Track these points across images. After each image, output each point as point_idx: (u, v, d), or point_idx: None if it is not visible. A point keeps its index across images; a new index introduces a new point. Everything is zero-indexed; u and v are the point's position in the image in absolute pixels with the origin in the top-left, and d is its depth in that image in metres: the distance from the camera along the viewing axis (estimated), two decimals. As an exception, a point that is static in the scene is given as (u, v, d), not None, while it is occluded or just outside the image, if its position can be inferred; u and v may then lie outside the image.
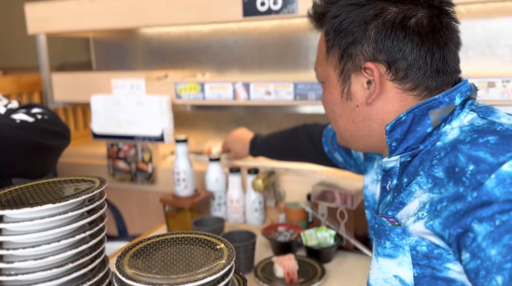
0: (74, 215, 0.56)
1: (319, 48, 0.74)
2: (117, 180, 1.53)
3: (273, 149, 1.26)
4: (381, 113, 0.67)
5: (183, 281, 0.52)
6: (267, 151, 1.27)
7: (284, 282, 0.95)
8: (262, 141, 1.29)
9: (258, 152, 1.28)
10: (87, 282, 0.57)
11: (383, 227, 0.65)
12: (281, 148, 1.23)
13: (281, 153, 1.24)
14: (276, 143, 1.25)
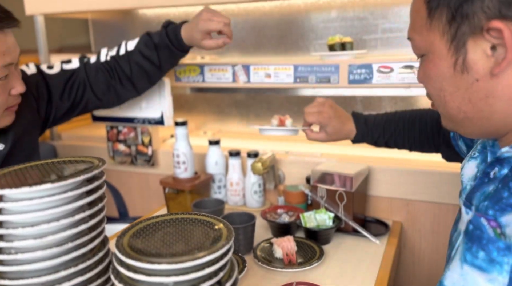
0: (73, 195, 0.56)
1: (415, 11, 0.60)
2: (118, 163, 1.53)
3: (387, 131, 1.04)
4: (509, 88, 0.53)
5: (182, 260, 0.53)
6: (378, 133, 1.05)
7: (283, 263, 0.96)
8: (373, 120, 1.06)
9: (366, 133, 1.06)
10: (86, 262, 0.58)
11: (480, 233, 0.55)
12: (399, 131, 1.04)
13: (398, 137, 1.04)
14: (393, 124, 1.04)
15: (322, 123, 1.05)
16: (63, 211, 0.55)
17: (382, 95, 1.28)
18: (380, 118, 1.06)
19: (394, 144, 1.06)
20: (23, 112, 1.06)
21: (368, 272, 0.93)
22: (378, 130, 1.05)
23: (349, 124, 1.06)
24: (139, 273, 0.54)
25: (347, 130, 1.06)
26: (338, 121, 1.05)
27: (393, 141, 1.05)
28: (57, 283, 0.55)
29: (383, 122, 1.05)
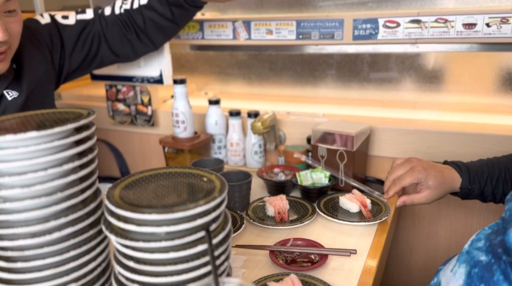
0: (60, 144, 0.54)
1: None
2: (118, 123, 1.51)
3: (494, 176, 0.88)
4: None
5: (173, 211, 0.52)
6: (485, 179, 0.88)
7: (275, 220, 0.96)
8: (473, 164, 0.91)
9: (472, 178, 0.89)
10: (78, 212, 0.57)
11: None
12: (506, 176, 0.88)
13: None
14: (497, 167, 0.89)
15: (420, 178, 0.88)
16: (50, 161, 0.53)
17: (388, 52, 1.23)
18: (481, 161, 0.92)
19: (504, 194, 0.88)
20: (37, 62, 1.03)
21: (366, 230, 0.93)
22: (484, 174, 0.88)
23: (447, 171, 0.89)
24: (129, 223, 0.53)
25: (449, 178, 0.88)
26: (436, 170, 0.89)
27: (502, 189, 0.88)
28: (48, 233, 0.55)
29: (486, 165, 0.90)
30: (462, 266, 0.67)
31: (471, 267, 0.64)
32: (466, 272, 0.65)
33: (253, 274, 0.78)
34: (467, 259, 0.67)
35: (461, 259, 0.69)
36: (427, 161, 0.91)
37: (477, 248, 0.66)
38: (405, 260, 1.31)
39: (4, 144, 0.51)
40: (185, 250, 0.53)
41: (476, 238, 0.69)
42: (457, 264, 0.69)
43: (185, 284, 0.54)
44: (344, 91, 1.46)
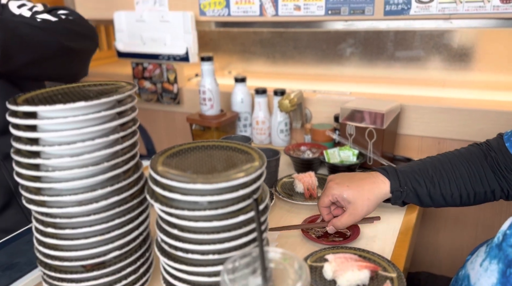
0: (107, 115, 0.55)
1: None
2: (144, 101, 1.53)
3: (428, 174, 0.79)
4: None
5: (217, 181, 0.53)
6: (419, 178, 0.79)
7: (304, 197, 0.96)
8: (410, 168, 0.81)
9: (403, 181, 0.79)
10: (122, 182, 0.58)
11: None
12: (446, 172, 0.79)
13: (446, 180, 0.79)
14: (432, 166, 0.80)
15: (334, 194, 0.78)
16: (97, 131, 0.55)
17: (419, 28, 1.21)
18: (415, 162, 0.84)
19: (440, 194, 0.79)
20: None
21: (396, 207, 0.93)
22: (419, 174, 0.79)
23: (370, 178, 0.80)
24: (175, 192, 0.54)
25: (372, 184, 0.78)
26: (351, 181, 0.79)
27: (439, 188, 0.79)
28: (94, 201, 0.56)
29: (418, 165, 0.82)
30: (494, 262, 0.64)
31: (506, 266, 0.61)
32: (500, 271, 0.62)
33: (285, 247, 0.79)
34: (500, 255, 0.64)
35: (492, 253, 0.66)
36: (346, 174, 0.82)
37: (511, 245, 0.63)
38: (432, 239, 1.31)
39: (54, 113, 0.53)
40: (227, 219, 0.54)
41: (510, 232, 0.64)
42: (487, 259, 0.66)
43: (227, 252, 0.55)
44: (370, 69, 1.44)
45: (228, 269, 0.51)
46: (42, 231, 0.59)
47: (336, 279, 0.64)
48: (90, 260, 0.59)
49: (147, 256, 0.65)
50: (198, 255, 0.55)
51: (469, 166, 0.79)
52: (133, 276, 0.63)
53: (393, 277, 0.66)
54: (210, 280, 0.56)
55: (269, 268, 0.53)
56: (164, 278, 0.61)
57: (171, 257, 0.58)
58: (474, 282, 0.67)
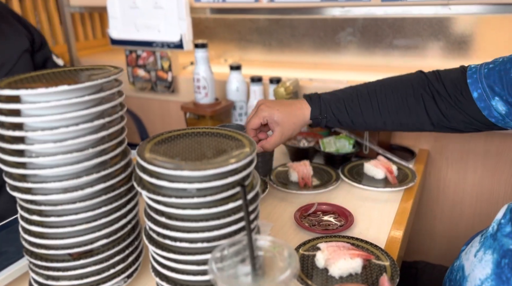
0: (92, 99, 0.54)
1: None
2: (138, 89, 1.51)
3: (355, 101, 0.82)
4: None
5: (205, 168, 0.51)
6: (342, 106, 0.82)
7: (298, 186, 0.95)
8: (333, 97, 0.84)
9: (324, 108, 0.83)
10: (109, 169, 0.57)
11: None
12: (376, 99, 0.81)
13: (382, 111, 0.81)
14: (363, 93, 0.82)
15: (265, 116, 0.83)
16: (81, 116, 0.53)
17: (417, 15, 1.18)
18: (339, 91, 0.86)
19: (363, 120, 0.82)
20: None
21: (391, 197, 0.92)
22: (342, 102, 0.82)
23: (297, 104, 0.84)
24: (162, 179, 0.52)
25: (298, 110, 0.83)
26: (281, 105, 0.84)
27: (361, 115, 0.81)
28: (80, 188, 0.55)
29: (343, 93, 0.84)
30: (488, 252, 0.63)
31: (501, 256, 0.60)
32: (495, 261, 0.61)
33: (278, 236, 0.78)
34: (495, 246, 0.63)
35: (486, 244, 0.65)
36: (276, 100, 0.89)
37: (506, 234, 0.62)
38: (429, 228, 1.30)
39: (36, 97, 0.51)
40: (216, 207, 0.53)
41: (504, 221, 0.64)
42: (482, 249, 0.65)
43: (216, 240, 0.54)
44: (368, 57, 1.42)
45: (216, 258, 0.50)
46: (28, 219, 0.58)
47: (328, 267, 0.63)
48: (77, 248, 0.58)
49: (136, 245, 0.64)
50: (187, 243, 0.54)
51: (397, 95, 0.80)
52: (121, 265, 0.61)
53: (386, 265, 0.65)
54: (198, 268, 0.55)
55: (259, 256, 0.51)
56: (153, 267, 0.60)
57: (159, 245, 0.57)
58: (468, 273, 0.66)
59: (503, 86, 0.71)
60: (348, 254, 0.63)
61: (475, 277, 0.64)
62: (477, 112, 0.75)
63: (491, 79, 0.73)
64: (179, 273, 0.56)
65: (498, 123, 0.75)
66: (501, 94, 0.72)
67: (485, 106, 0.74)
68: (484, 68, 0.76)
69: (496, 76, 0.73)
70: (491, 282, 0.60)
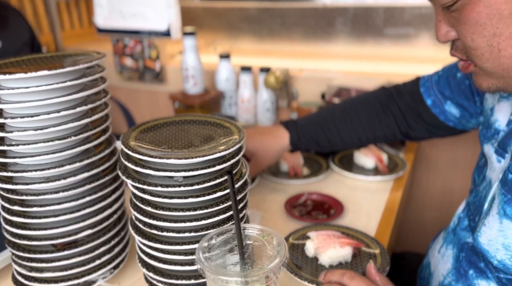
0: (73, 85, 0.52)
1: None
2: (125, 79, 1.48)
3: (326, 125, 0.84)
4: None
5: (191, 156, 0.50)
6: (317, 130, 0.84)
7: (288, 175, 0.94)
8: (304, 119, 0.87)
9: (302, 132, 0.84)
10: (92, 157, 0.55)
11: None
12: (342, 120, 0.84)
13: (342, 128, 0.84)
14: (331, 115, 0.85)
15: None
16: (63, 102, 0.51)
17: (407, 3, 1.18)
18: (313, 115, 0.88)
19: (340, 139, 0.85)
20: None
21: (381, 186, 0.91)
22: (317, 124, 0.84)
23: (273, 131, 0.85)
24: (147, 168, 0.51)
25: (275, 137, 0.83)
26: (257, 134, 0.84)
27: (338, 134, 0.84)
28: (62, 177, 0.53)
29: (318, 117, 0.86)
30: (449, 247, 0.64)
31: (459, 250, 0.60)
32: (454, 256, 0.61)
33: (268, 225, 0.77)
34: (454, 240, 0.63)
35: (448, 239, 0.65)
36: (252, 129, 0.87)
37: (464, 228, 0.62)
38: (419, 218, 1.30)
39: (15, 83, 0.49)
40: (204, 196, 0.52)
41: (463, 215, 0.64)
42: (444, 245, 0.66)
43: (204, 230, 0.53)
44: (358, 46, 1.41)
45: (203, 247, 0.49)
46: (9, 209, 0.56)
47: (318, 256, 0.63)
48: (61, 239, 0.56)
49: (122, 235, 0.62)
50: (174, 233, 0.53)
51: (368, 112, 0.83)
52: (107, 256, 0.60)
53: (376, 253, 0.64)
54: (186, 258, 0.54)
55: (247, 245, 0.50)
56: (140, 258, 0.58)
57: (146, 235, 0.55)
58: (433, 270, 0.67)
59: (452, 90, 0.75)
60: (338, 243, 0.63)
61: (439, 273, 0.64)
62: (434, 118, 0.79)
63: (441, 85, 0.77)
64: (166, 263, 0.55)
65: (456, 126, 0.79)
66: (451, 97, 0.76)
67: (440, 111, 0.78)
68: (434, 76, 0.80)
69: (445, 82, 0.77)
70: (452, 276, 0.60)
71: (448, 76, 0.77)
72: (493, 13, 0.46)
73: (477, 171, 0.66)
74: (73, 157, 0.54)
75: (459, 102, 0.75)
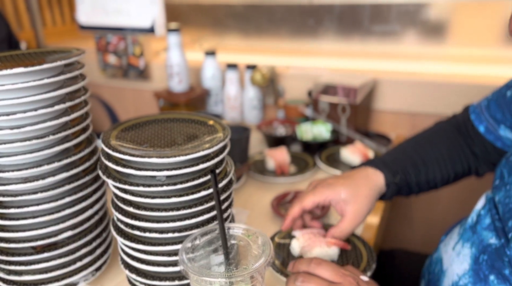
0: (51, 83, 0.50)
1: None
2: (109, 76, 1.45)
3: (412, 162, 0.71)
4: None
5: (174, 155, 0.49)
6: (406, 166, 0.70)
7: (275, 173, 0.94)
8: (389, 154, 0.73)
9: (395, 170, 0.69)
10: (72, 157, 0.54)
11: None
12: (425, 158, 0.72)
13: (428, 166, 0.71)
14: (413, 150, 0.73)
15: (327, 195, 0.64)
16: (40, 100, 0.49)
17: (393, 1, 1.18)
18: (395, 150, 0.75)
19: (427, 181, 0.72)
20: None
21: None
22: (404, 162, 0.71)
23: (359, 173, 0.67)
24: (128, 167, 0.50)
25: (366, 179, 0.66)
26: (343, 178, 0.66)
27: (425, 175, 0.71)
28: (41, 178, 0.52)
29: (401, 152, 0.74)
30: (467, 246, 0.60)
31: (480, 252, 0.56)
32: (473, 256, 0.57)
33: (255, 224, 0.77)
34: (474, 239, 0.59)
35: (465, 236, 0.61)
36: (332, 177, 0.69)
37: (486, 227, 0.57)
38: (407, 215, 1.31)
39: (-12, 80, 0.47)
40: (187, 195, 0.51)
41: (484, 212, 0.59)
42: (460, 242, 0.62)
43: (187, 230, 0.52)
44: (345, 44, 1.40)
45: (187, 248, 0.48)
46: (-15, 212, 0.54)
47: (304, 255, 0.62)
48: (40, 241, 0.55)
49: (104, 236, 0.61)
50: (157, 234, 0.51)
51: (447, 146, 0.73)
52: (89, 258, 0.59)
53: (362, 251, 0.64)
54: (170, 259, 0.53)
55: (232, 245, 0.50)
56: (122, 259, 0.57)
57: (128, 236, 0.54)
58: (446, 268, 0.63)
59: (503, 112, 0.67)
60: (324, 242, 0.62)
61: (453, 272, 0.60)
62: (491, 147, 0.71)
63: (492, 108, 0.70)
64: (149, 264, 0.53)
65: None
66: (504, 120, 0.68)
67: (495, 138, 0.70)
68: (484, 101, 0.73)
69: (495, 105, 0.69)
70: (469, 278, 0.56)
71: (498, 97, 0.69)
72: None
73: (506, 166, 0.59)
74: (51, 156, 0.53)
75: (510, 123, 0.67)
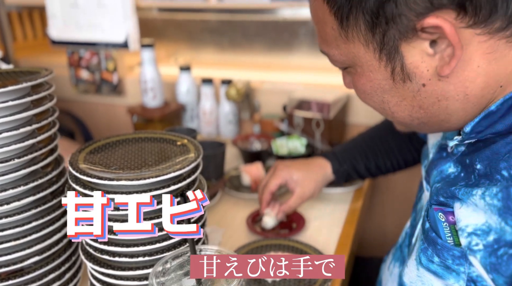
0: (17, 105, 0.49)
1: (321, 22, 0.49)
2: (81, 92, 1.43)
3: (363, 152, 0.85)
4: (462, 84, 0.43)
5: (145, 176, 0.48)
6: (356, 157, 0.85)
7: (251, 189, 0.94)
8: (341, 147, 0.87)
9: (342, 160, 0.84)
10: (38, 180, 0.52)
11: (434, 237, 0.47)
12: (376, 147, 0.85)
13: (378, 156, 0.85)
14: (364, 142, 0.86)
15: (284, 177, 0.80)
16: (4, 123, 0.48)
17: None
18: (347, 142, 0.89)
19: (377, 166, 0.85)
20: None
21: (342, 197, 0.92)
22: (354, 153, 0.85)
23: (314, 161, 0.84)
24: (97, 190, 0.48)
25: (317, 166, 0.82)
26: (299, 164, 0.82)
27: (374, 162, 0.85)
28: (5, 202, 0.50)
29: (352, 143, 0.87)
30: (396, 264, 0.63)
31: (403, 267, 0.58)
32: (399, 274, 0.59)
33: (230, 242, 0.76)
34: (401, 257, 0.62)
35: (396, 255, 0.64)
36: (292, 160, 0.85)
37: (407, 245, 0.61)
38: (381, 223, 1.33)
39: (-52, 103, 0.46)
40: (158, 218, 0.50)
41: (409, 230, 0.62)
42: (392, 262, 0.65)
43: (158, 253, 0.51)
44: (319, 59, 1.42)
45: (157, 272, 0.47)
46: None
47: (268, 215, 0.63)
48: (5, 268, 0.53)
49: (73, 260, 0.59)
50: (126, 258, 0.50)
51: (394, 137, 0.85)
52: (57, 283, 0.57)
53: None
54: (140, 284, 0.51)
55: (204, 268, 0.49)
56: (92, 284, 0.55)
57: (97, 261, 0.53)
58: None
59: None
60: None
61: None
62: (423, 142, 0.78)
63: None
64: (119, 289, 0.52)
65: None
66: None
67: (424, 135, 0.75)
68: None
69: None
70: None
71: None
72: (375, 87, 0.48)
73: (418, 193, 0.65)
74: (17, 180, 0.51)
75: None
